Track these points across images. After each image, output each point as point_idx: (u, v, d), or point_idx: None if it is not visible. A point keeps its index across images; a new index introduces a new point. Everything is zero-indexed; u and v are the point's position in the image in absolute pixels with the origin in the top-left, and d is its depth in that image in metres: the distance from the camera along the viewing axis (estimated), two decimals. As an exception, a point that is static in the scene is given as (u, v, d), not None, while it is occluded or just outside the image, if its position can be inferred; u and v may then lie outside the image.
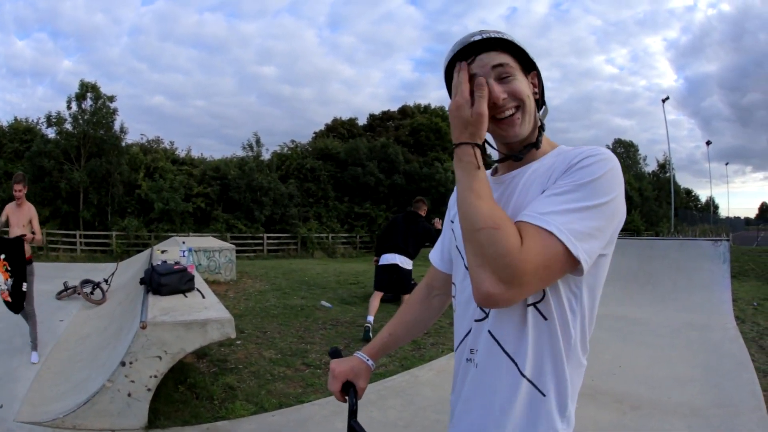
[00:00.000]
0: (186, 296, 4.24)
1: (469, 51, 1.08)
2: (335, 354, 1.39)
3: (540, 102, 1.14)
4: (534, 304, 1.00)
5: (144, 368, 3.37)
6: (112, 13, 79.57)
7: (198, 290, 4.40)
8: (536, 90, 1.13)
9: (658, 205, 43.29)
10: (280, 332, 6.10)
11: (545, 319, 1.00)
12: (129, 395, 3.36)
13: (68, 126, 23.01)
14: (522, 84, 1.07)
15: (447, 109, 1.07)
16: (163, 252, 7.67)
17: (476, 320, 1.11)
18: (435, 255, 1.41)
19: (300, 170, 28.17)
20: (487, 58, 1.06)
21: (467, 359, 1.14)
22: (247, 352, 5.21)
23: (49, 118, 23.37)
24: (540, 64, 1.13)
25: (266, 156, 28.34)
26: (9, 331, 5.26)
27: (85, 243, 21.52)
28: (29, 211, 4.98)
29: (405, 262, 6.24)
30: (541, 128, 1.12)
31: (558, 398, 1.00)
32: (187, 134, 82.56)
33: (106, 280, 7.88)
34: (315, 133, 36.68)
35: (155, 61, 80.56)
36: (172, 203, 22.79)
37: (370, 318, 5.90)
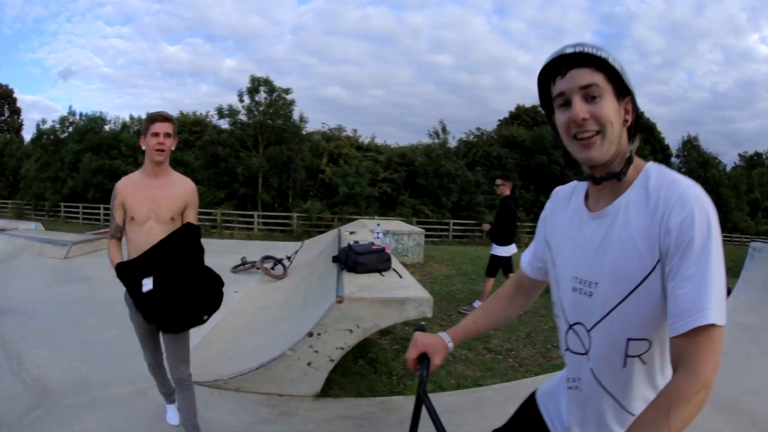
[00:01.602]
0: (383, 275, 4.42)
1: (561, 64, 1.06)
2: (420, 329, 1.47)
3: (632, 131, 1.10)
4: (639, 356, 1.07)
5: (332, 340, 3.50)
6: (268, 15, 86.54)
7: (395, 270, 4.58)
8: (628, 117, 1.08)
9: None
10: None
11: (644, 363, 1.07)
12: (309, 364, 3.48)
13: (242, 117, 25.37)
14: (609, 108, 1.04)
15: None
16: (351, 233, 7.80)
17: (576, 353, 1.19)
18: (525, 261, 1.48)
19: (486, 158, 28.01)
20: (578, 76, 1.04)
21: (569, 387, 1.25)
22: (430, 332, 5.46)
23: (220, 110, 26.00)
24: (702, 47, 1.05)
25: (452, 143, 28.61)
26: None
27: (263, 223, 23.17)
28: (183, 191, 2.63)
29: None
30: (629, 160, 1.08)
31: None
32: (368, 123, 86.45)
33: (288, 258, 7.96)
34: (499, 120, 36.12)
35: (324, 55, 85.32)
36: (357, 188, 23.84)
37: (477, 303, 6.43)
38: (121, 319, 4.80)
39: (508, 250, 6.37)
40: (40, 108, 76.76)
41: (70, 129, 28.58)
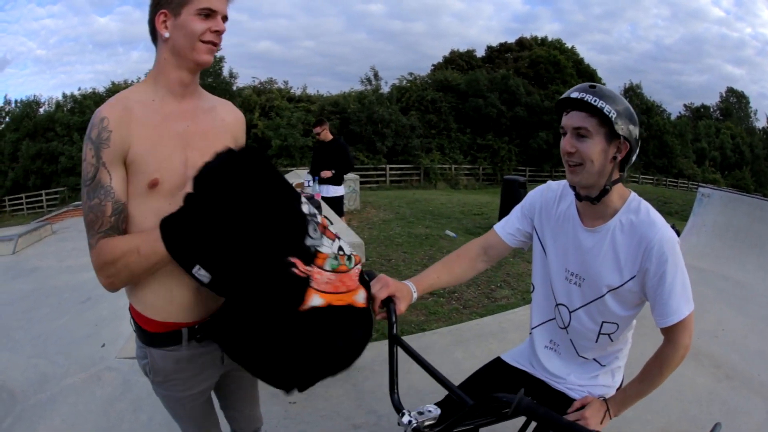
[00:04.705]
0: (313, 223, 4.27)
1: (568, 103, 1.28)
2: (370, 275, 1.40)
3: (624, 164, 1.31)
4: (608, 334, 1.44)
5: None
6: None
7: (326, 217, 4.43)
8: (618, 155, 1.28)
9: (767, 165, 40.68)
10: (405, 260, 6.18)
11: (611, 341, 1.46)
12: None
13: None
14: (593, 148, 1.26)
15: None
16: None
17: (560, 327, 1.53)
18: (505, 233, 1.61)
19: (421, 102, 27.81)
20: (575, 117, 1.27)
21: (547, 347, 1.59)
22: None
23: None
24: (647, 1, 0.90)
25: (385, 89, 28.29)
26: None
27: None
28: (233, 121, 1.61)
29: None
30: (605, 191, 1.32)
31: (611, 367, 1.53)
32: (300, 74, 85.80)
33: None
34: (433, 65, 35.72)
35: (255, 11, 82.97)
36: (290, 139, 23.59)
37: None
38: (69, 305, 4.67)
39: (340, 190, 6.33)
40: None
41: (7, 119, 27.66)
